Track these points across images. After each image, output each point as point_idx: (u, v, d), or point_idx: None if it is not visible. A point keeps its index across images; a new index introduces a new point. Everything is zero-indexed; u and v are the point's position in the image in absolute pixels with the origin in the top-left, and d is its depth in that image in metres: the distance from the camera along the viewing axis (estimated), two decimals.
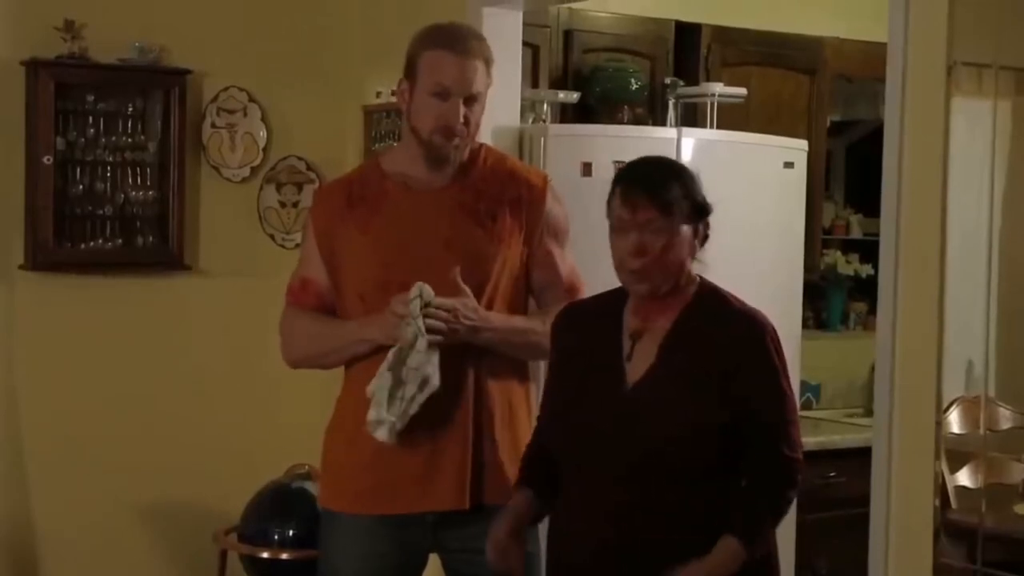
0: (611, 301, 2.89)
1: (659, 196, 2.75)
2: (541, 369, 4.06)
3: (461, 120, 3.16)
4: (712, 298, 2.84)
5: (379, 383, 3.08)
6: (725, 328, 2.79)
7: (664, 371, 2.77)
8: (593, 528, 2.78)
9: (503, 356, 3.21)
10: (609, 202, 2.82)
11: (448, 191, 3.23)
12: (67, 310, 4.90)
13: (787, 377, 2.81)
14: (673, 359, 2.77)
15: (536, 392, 3.24)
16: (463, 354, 3.15)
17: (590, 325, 2.90)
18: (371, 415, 3.10)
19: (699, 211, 2.80)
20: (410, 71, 3.21)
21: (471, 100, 3.17)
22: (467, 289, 3.12)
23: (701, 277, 2.86)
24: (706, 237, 2.83)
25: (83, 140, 4.83)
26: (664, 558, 2.73)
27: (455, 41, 3.18)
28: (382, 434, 3.10)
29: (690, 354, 2.77)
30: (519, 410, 3.25)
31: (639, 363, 2.79)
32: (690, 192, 2.79)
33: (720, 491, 2.76)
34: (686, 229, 2.77)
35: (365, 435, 3.18)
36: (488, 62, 3.21)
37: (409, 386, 3.07)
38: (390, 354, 3.08)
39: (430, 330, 3.05)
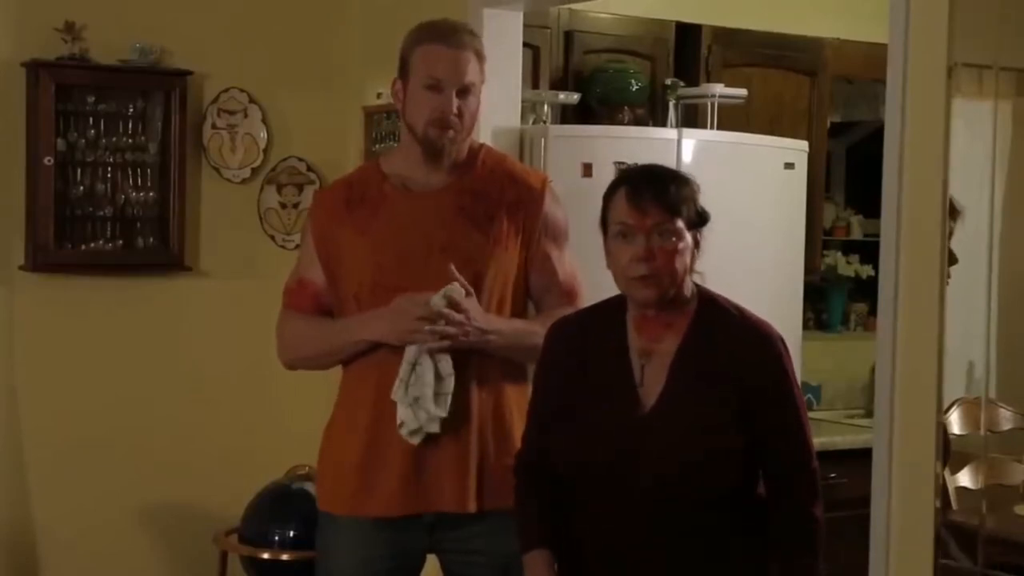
0: (609, 316, 2.82)
1: (668, 198, 2.70)
2: None
3: (455, 111, 3.15)
4: (715, 310, 2.77)
5: (420, 387, 3.09)
6: (737, 346, 2.73)
7: (677, 395, 2.71)
8: (618, 556, 2.74)
9: (502, 359, 3.21)
10: (608, 209, 2.75)
11: (446, 193, 3.22)
12: (67, 311, 4.90)
13: (798, 386, 2.79)
14: (685, 382, 2.71)
15: None
16: (463, 356, 3.14)
17: (592, 345, 2.82)
18: (415, 418, 3.10)
19: (700, 219, 2.75)
20: (403, 68, 3.21)
21: (464, 92, 3.16)
22: (471, 290, 3.12)
23: (697, 285, 2.80)
24: (698, 246, 2.77)
25: (84, 141, 4.84)
26: None
27: (447, 34, 3.18)
28: (435, 428, 3.10)
29: (702, 376, 2.71)
30: (517, 412, 3.24)
31: (651, 387, 2.73)
32: (694, 197, 2.75)
33: (744, 509, 2.73)
34: (689, 236, 2.72)
35: (361, 437, 3.19)
36: (480, 57, 3.20)
37: (446, 381, 3.10)
38: (422, 357, 3.09)
39: (443, 336, 3.07)
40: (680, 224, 2.70)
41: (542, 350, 2.91)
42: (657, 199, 2.69)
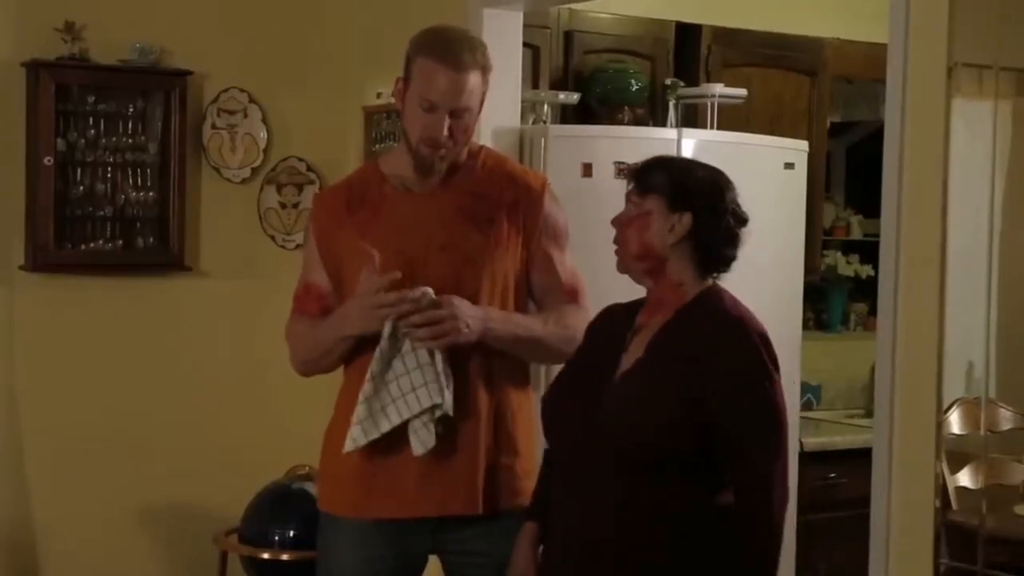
0: (639, 302, 2.90)
1: (642, 174, 2.83)
2: (543, 374, 4.08)
3: (445, 133, 3.14)
4: (709, 300, 2.83)
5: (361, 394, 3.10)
6: (712, 329, 2.77)
7: (646, 366, 2.78)
8: (576, 524, 2.78)
9: (506, 359, 3.20)
10: None
11: (446, 194, 3.21)
12: (67, 311, 4.90)
13: (775, 383, 2.74)
14: (657, 356, 2.78)
15: (536, 397, 3.22)
16: (466, 357, 3.14)
17: (612, 322, 2.93)
18: (364, 433, 3.12)
19: (681, 200, 2.81)
20: (407, 72, 3.20)
21: (459, 113, 3.14)
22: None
23: (715, 283, 2.85)
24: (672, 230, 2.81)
25: (84, 141, 4.83)
26: (635, 552, 2.73)
27: (448, 53, 3.13)
28: (346, 444, 3.10)
29: (673, 352, 2.77)
30: (520, 412, 3.24)
31: (631, 356, 2.81)
32: (679, 181, 2.83)
33: (698, 486, 2.73)
34: (660, 213, 2.79)
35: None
36: (485, 70, 3.17)
37: (384, 396, 3.08)
38: (401, 352, 3.09)
39: (439, 333, 3.06)
40: (645, 199, 2.80)
41: (585, 334, 3.01)
42: (635, 176, 2.84)
